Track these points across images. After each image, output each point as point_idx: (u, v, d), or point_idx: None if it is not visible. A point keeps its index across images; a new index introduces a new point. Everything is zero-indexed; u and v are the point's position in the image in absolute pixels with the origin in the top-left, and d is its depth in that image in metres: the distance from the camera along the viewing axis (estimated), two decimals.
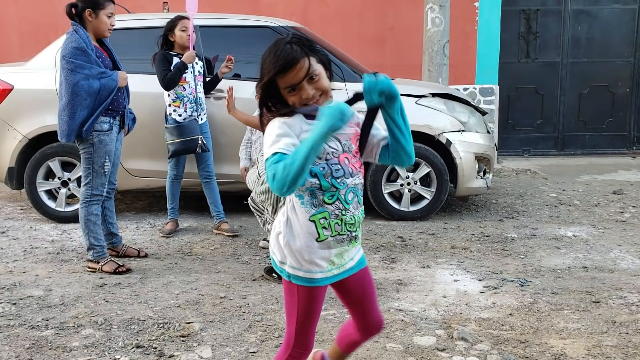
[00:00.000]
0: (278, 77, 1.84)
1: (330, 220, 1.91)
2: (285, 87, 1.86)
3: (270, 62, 1.85)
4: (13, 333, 3.10)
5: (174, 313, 3.35)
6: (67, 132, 3.85)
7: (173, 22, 4.81)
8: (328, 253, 1.94)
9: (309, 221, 1.90)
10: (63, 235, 4.93)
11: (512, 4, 8.54)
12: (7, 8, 8.52)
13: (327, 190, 1.89)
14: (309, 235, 1.91)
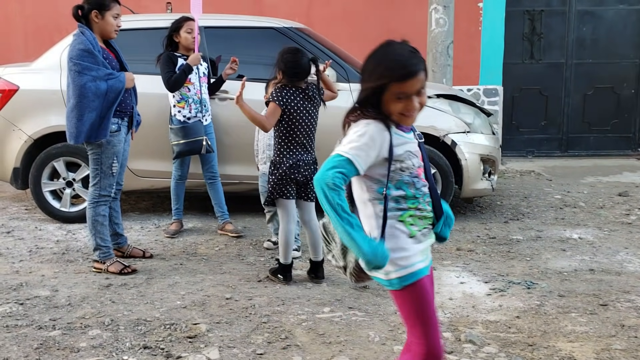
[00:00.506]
0: (395, 82, 1.87)
1: (415, 218, 2.00)
2: (397, 94, 1.88)
3: (390, 66, 1.87)
4: (21, 333, 3.10)
5: (181, 314, 3.35)
6: (75, 134, 3.84)
7: (178, 23, 4.80)
8: (419, 247, 2.01)
9: (399, 222, 1.98)
10: (68, 235, 4.93)
11: (516, 5, 8.53)
12: (11, 9, 8.53)
13: (409, 198, 1.99)
14: (403, 235, 1.98)
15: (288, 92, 3.71)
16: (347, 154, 1.88)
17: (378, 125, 1.92)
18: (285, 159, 3.74)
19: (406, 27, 8.24)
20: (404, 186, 1.99)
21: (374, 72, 1.90)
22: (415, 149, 2.04)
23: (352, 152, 1.88)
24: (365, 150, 1.89)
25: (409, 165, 1.99)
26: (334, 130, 5.14)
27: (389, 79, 1.86)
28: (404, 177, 1.99)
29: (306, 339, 3.05)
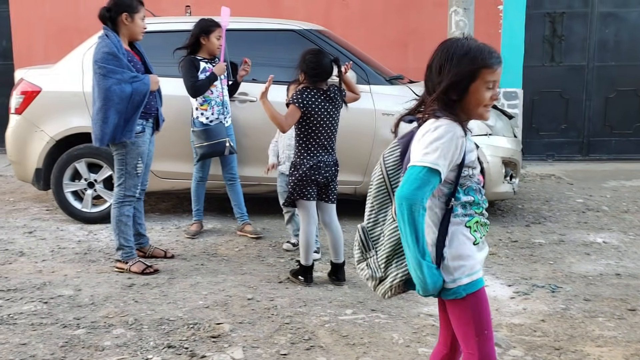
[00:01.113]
0: (487, 68, 1.82)
1: (479, 225, 1.95)
2: (487, 82, 1.84)
3: (479, 53, 1.83)
4: (46, 331, 3.12)
5: (203, 314, 3.35)
6: (100, 137, 3.87)
7: (209, 27, 4.75)
8: (481, 255, 1.96)
9: (466, 227, 1.92)
10: (89, 235, 4.96)
11: (537, 7, 8.46)
12: (33, 12, 8.62)
13: (475, 203, 1.94)
14: (468, 242, 1.91)
15: (309, 94, 3.70)
16: (436, 165, 1.78)
17: (457, 128, 1.83)
18: (306, 160, 3.73)
19: (425, 30, 8.23)
20: (472, 192, 1.93)
21: (462, 60, 1.82)
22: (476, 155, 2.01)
23: (440, 162, 1.79)
24: (449, 158, 1.81)
25: (476, 172, 1.96)
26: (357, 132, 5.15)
27: (482, 63, 1.81)
28: (473, 184, 1.94)
29: (330, 340, 3.03)
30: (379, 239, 1.99)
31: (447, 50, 1.87)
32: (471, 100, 1.86)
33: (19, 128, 5.41)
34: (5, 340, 3.02)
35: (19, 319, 3.28)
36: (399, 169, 1.97)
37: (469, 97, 1.86)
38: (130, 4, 3.92)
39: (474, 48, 1.85)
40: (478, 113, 1.89)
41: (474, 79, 1.84)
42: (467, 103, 1.87)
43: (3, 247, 4.63)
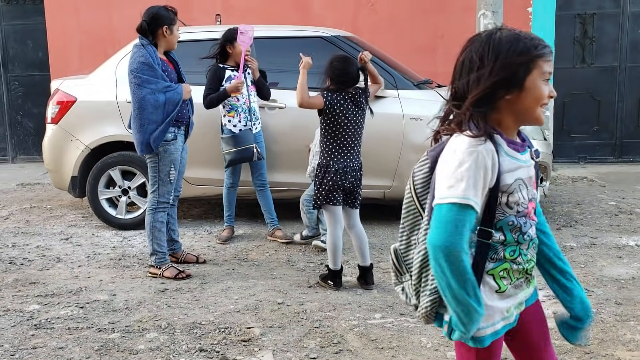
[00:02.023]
0: (541, 58, 1.51)
1: (510, 271, 1.59)
2: (544, 73, 1.51)
3: (531, 42, 1.51)
4: (82, 335, 3.21)
5: (234, 318, 3.41)
6: (137, 144, 4.00)
7: (234, 36, 4.82)
8: (506, 303, 1.60)
9: (487, 275, 1.57)
10: (124, 242, 5.08)
11: (567, 9, 8.38)
12: (68, 23, 8.84)
13: (509, 244, 1.57)
14: (488, 289, 1.57)
15: (337, 95, 3.75)
16: (466, 199, 1.46)
17: (486, 147, 1.48)
18: (332, 163, 3.77)
19: (454, 33, 8.21)
20: (506, 229, 1.55)
21: (510, 51, 1.49)
22: (529, 175, 1.58)
23: (470, 194, 1.46)
24: (480, 186, 1.48)
25: (518, 199, 1.54)
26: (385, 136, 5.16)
27: (536, 52, 1.50)
28: (509, 217, 1.55)
29: (358, 344, 3.07)
30: (412, 262, 1.68)
31: (486, 41, 1.53)
32: (527, 99, 1.51)
33: (55, 137, 5.57)
34: (44, 344, 3.12)
35: (56, 323, 3.38)
36: (427, 186, 1.63)
37: (524, 95, 1.52)
38: (169, 16, 4.04)
39: (525, 37, 1.53)
40: (535, 115, 1.53)
41: (529, 71, 1.50)
42: (520, 103, 1.52)
43: (41, 253, 4.77)
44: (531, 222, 1.60)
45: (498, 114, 1.55)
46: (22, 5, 9.40)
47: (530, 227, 1.60)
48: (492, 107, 1.53)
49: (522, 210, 1.56)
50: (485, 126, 1.51)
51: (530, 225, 1.60)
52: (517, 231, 1.56)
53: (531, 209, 1.60)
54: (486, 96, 1.51)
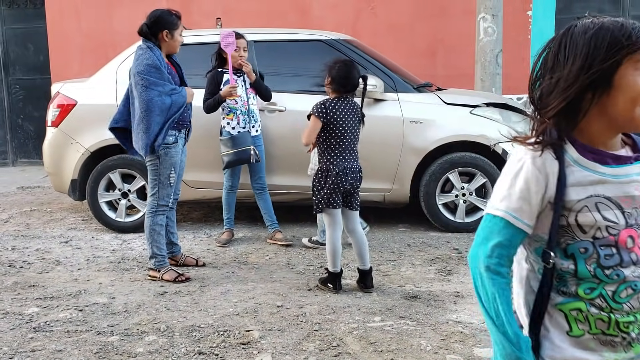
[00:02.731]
0: (636, 48, 1.21)
1: (587, 314, 1.27)
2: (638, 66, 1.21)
3: (620, 32, 1.21)
4: (81, 338, 3.21)
5: (233, 321, 3.40)
6: (142, 146, 3.98)
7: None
8: (584, 355, 1.27)
9: (556, 309, 1.30)
10: (123, 245, 5.07)
11: (566, 12, 8.39)
12: (69, 27, 8.87)
13: (584, 279, 1.26)
14: (556, 326, 1.30)
15: (330, 103, 3.74)
16: (500, 210, 1.28)
17: (536, 154, 1.27)
18: (332, 166, 3.76)
19: (454, 37, 8.23)
20: (579, 257, 1.26)
21: (601, 44, 1.21)
22: (626, 193, 1.26)
23: (504, 206, 1.28)
24: (523, 199, 1.27)
25: (594, 221, 1.24)
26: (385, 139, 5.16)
27: (629, 43, 1.20)
28: (581, 242, 1.26)
29: (358, 347, 3.06)
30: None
31: (562, 37, 1.27)
32: (619, 99, 1.22)
33: (55, 140, 5.57)
34: (42, 347, 3.11)
35: (55, 326, 3.38)
36: None
37: (614, 95, 1.22)
38: (171, 20, 4.03)
39: (608, 23, 1.23)
40: (631, 117, 1.22)
41: (618, 65, 1.21)
42: (610, 105, 1.23)
43: (40, 256, 4.77)
44: (628, 256, 1.25)
45: (586, 120, 1.26)
46: (24, 9, 9.43)
47: (622, 264, 1.25)
48: (578, 114, 1.25)
49: (605, 236, 1.25)
50: (550, 134, 1.27)
51: (624, 260, 1.25)
52: (594, 263, 1.25)
53: (625, 237, 1.25)
54: (568, 106, 1.24)
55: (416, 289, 3.89)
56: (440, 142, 5.14)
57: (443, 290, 3.86)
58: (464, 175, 5.23)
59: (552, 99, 1.25)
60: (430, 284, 3.98)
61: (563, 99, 1.23)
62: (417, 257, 4.59)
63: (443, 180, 5.21)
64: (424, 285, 3.97)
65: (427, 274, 4.19)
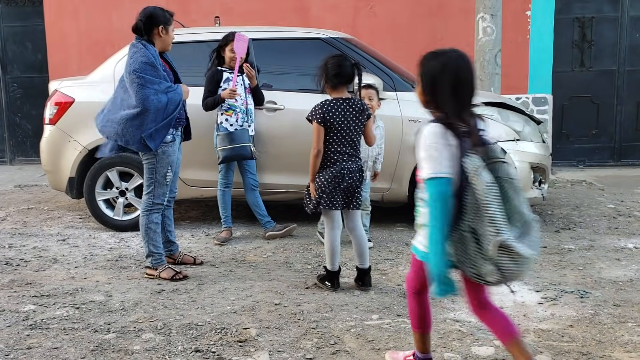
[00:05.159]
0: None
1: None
2: None
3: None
4: (78, 336, 3.19)
5: (231, 319, 3.39)
6: (132, 141, 3.93)
7: (226, 40, 4.94)
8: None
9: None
10: (121, 243, 5.06)
11: (565, 12, 8.39)
12: (67, 25, 8.85)
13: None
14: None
15: (328, 105, 3.71)
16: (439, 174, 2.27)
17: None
18: (328, 169, 3.75)
19: (453, 36, 8.22)
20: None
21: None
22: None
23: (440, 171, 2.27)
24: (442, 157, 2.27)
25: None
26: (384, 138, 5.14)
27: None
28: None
29: (355, 345, 3.05)
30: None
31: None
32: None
33: (52, 138, 5.56)
34: (39, 345, 3.10)
35: (51, 323, 3.37)
36: None
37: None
38: (165, 16, 4.02)
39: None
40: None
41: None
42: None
43: (37, 254, 4.75)
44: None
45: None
46: (22, 7, 9.41)
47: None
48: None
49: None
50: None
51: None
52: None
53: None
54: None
55: None
56: None
57: None
58: None
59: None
60: None
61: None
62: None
63: None
64: None
65: None
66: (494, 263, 2.17)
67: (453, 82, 2.30)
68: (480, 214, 2.17)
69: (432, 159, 2.24)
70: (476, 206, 2.18)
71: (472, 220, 2.20)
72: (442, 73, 2.31)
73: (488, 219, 2.15)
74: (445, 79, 2.30)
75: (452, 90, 2.29)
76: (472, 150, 2.23)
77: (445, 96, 2.29)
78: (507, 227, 2.15)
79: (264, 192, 5.23)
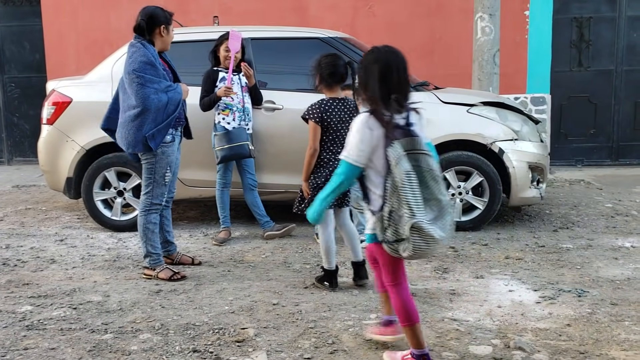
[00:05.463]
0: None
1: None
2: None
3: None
4: (75, 336, 3.19)
5: (229, 319, 3.39)
6: (134, 143, 3.92)
7: (221, 40, 4.96)
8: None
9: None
10: (119, 243, 5.06)
11: (563, 12, 8.40)
12: (65, 25, 8.84)
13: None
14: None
15: (325, 104, 3.72)
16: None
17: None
18: (322, 169, 3.75)
19: (451, 36, 8.23)
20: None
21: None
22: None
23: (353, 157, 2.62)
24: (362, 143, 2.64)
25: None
26: None
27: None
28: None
29: (353, 344, 3.05)
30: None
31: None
32: None
33: (50, 138, 5.55)
34: (35, 345, 3.09)
35: (48, 324, 3.36)
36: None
37: None
38: (165, 16, 4.02)
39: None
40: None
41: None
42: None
43: (35, 254, 4.75)
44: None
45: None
46: (19, 6, 9.40)
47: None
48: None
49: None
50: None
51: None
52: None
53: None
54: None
55: (412, 287, 3.87)
56: (437, 141, 5.13)
57: (439, 288, 3.85)
58: (460, 173, 5.23)
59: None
60: (426, 282, 3.97)
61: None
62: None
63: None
64: (420, 283, 3.97)
65: (423, 272, 4.18)
66: (408, 241, 2.44)
67: (381, 74, 2.53)
68: (399, 198, 2.44)
69: (351, 144, 2.58)
70: (395, 191, 2.44)
71: (392, 203, 2.46)
72: (373, 66, 2.55)
73: (405, 203, 2.42)
74: (375, 72, 2.54)
75: (381, 83, 2.52)
76: (397, 140, 2.47)
77: (375, 88, 2.53)
78: (421, 211, 2.43)
79: (262, 192, 5.23)
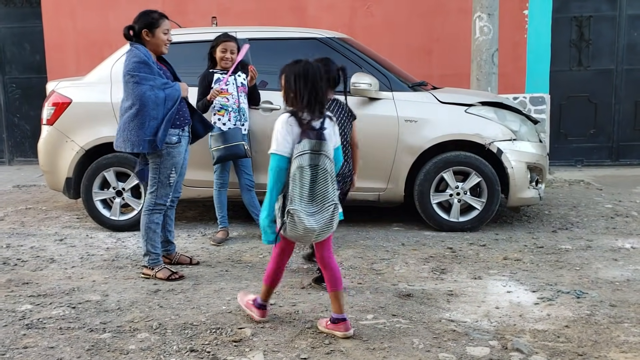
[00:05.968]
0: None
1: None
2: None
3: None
4: (73, 335, 3.20)
5: (226, 318, 3.40)
6: (137, 143, 3.91)
7: (216, 42, 4.98)
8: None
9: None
10: (117, 243, 5.06)
11: (563, 11, 8.39)
12: (64, 25, 8.85)
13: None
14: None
15: None
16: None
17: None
18: None
19: (450, 36, 8.22)
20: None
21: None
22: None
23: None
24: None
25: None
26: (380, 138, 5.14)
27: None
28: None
29: (350, 345, 3.05)
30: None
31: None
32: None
33: (50, 138, 5.56)
34: (34, 344, 3.10)
35: (47, 323, 3.37)
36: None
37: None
38: (149, 20, 3.98)
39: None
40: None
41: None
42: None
43: (35, 254, 4.76)
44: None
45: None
46: (20, 7, 9.41)
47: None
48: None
49: None
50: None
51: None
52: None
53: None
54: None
55: (409, 288, 3.88)
56: (435, 141, 5.14)
57: (436, 289, 3.85)
58: (458, 174, 5.23)
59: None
60: (424, 283, 3.98)
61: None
62: (411, 255, 4.58)
63: (437, 179, 5.20)
64: (417, 283, 3.97)
65: (420, 273, 4.18)
66: (287, 223, 2.95)
67: (301, 84, 2.99)
68: (289, 187, 2.95)
69: (275, 140, 2.98)
70: (288, 180, 2.95)
71: (285, 190, 2.98)
72: (295, 76, 3.01)
73: (290, 191, 2.93)
74: (296, 81, 3.00)
75: (301, 90, 2.99)
76: (307, 139, 2.92)
77: (296, 94, 3.00)
78: (303, 202, 2.95)
79: (260, 192, 5.22)
